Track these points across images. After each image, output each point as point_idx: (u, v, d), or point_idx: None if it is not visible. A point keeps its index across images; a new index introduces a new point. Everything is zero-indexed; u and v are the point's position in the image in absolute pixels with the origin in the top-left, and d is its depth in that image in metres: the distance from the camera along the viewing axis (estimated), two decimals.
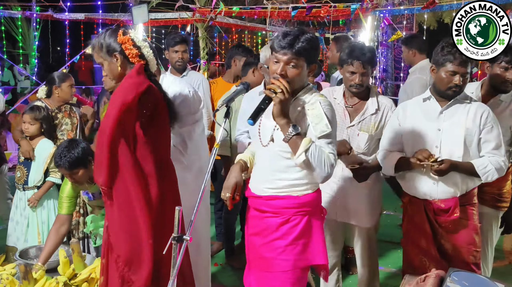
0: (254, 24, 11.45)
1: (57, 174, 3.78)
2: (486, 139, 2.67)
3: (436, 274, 2.29)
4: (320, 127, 2.24)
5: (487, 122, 2.66)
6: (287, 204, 2.33)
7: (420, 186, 2.77)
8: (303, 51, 2.21)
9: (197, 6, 8.25)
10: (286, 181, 2.33)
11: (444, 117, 2.72)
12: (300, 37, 2.21)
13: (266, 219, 2.38)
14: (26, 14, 9.63)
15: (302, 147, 2.18)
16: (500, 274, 3.86)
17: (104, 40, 2.50)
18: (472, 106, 2.70)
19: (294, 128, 2.20)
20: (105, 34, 2.50)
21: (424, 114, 2.77)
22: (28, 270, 2.85)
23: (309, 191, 2.36)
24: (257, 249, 2.42)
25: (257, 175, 2.46)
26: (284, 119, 2.21)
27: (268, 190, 2.37)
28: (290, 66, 2.23)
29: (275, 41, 2.26)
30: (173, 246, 2.17)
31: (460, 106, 2.71)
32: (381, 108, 3.04)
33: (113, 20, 9.28)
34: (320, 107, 2.27)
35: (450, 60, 2.61)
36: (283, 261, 2.32)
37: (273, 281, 2.35)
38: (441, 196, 2.72)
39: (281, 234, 2.33)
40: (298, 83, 2.30)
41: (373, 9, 7.97)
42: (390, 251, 4.54)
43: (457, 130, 2.67)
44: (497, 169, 2.64)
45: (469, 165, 2.66)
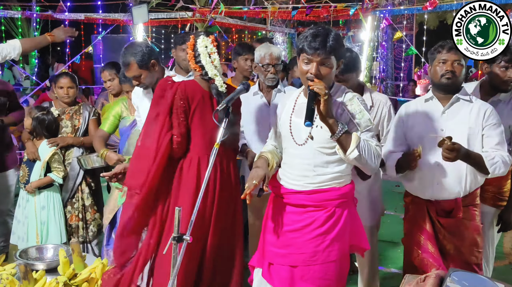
0: (254, 24, 11.47)
1: (60, 173, 3.77)
2: (489, 135, 2.64)
3: (436, 274, 2.28)
4: (364, 122, 2.32)
5: (489, 119, 2.64)
6: (330, 196, 2.39)
7: (423, 186, 2.76)
8: (333, 50, 2.27)
9: (197, 6, 8.25)
10: (328, 175, 2.39)
11: (447, 117, 2.70)
12: (329, 36, 2.27)
13: (309, 213, 2.41)
14: (26, 14, 9.63)
15: (354, 143, 2.24)
16: (500, 274, 3.86)
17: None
18: (475, 105, 2.68)
19: (343, 126, 2.25)
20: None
21: (427, 114, 2.76)
22: (28, 270, 2.85)
23: (347, 183, 2.45)
24: (297, 245, 2.42)
25: (293, 172, 2.45)
26: (332, 119, 2.25)
27: (309, 185, 2.40)
28: (324, 66, 2.28)
29: (304, 43, 2.28)
30: (173, 246, 2.18)
31: (463, 106, 2.69)
32: (375, 104, 3.07)
33: (113, 20, 9.29)
34: (359, 102, 2.35)
35: (439, 51, 2.67)
36: (330, 252, 2.38)
37: (318, 273, 2.39)
38: (444, 197, 2.70)
39: (327, 227, 2.38)
40: (330, 81, 2.37)
41: (373, 9, 7.98)
42: (390, 251, 4.54)
43: (460, 129, 2.65)
44: (503, 162, 2.61)
45: (478, 155, 2.61)
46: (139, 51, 3.03)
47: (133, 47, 3.07)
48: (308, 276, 2.40)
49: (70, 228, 3.89)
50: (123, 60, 3.06)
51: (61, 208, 3.84)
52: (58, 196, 3.86)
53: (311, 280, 2.39)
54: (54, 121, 3.86)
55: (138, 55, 3.02)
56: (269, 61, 3.33)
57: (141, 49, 3.04)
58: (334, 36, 2.28)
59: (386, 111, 3.09)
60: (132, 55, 3.03)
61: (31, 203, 3.82)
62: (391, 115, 3.12)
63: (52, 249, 3.35)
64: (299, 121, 2.36)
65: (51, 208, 3.81)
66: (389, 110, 3.12)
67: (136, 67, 3.04)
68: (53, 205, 3.82)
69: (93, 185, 3.97)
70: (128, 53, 3.04)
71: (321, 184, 2.39)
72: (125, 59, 3.05)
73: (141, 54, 3.03)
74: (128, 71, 3.07)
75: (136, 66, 3.03)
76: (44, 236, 3.77)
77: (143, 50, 3.04)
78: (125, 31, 10.30)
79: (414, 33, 12.24)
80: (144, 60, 3.03)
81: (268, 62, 3.33)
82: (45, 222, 3.79)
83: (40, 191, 3.81)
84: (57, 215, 3.81)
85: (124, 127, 3.69)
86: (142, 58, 3.03)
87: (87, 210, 3.92)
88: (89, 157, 3.78)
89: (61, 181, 3.77)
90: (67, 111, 3.97)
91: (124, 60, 3.06)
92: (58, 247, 3.31)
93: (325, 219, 2.38)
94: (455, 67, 2.64)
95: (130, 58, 3.03)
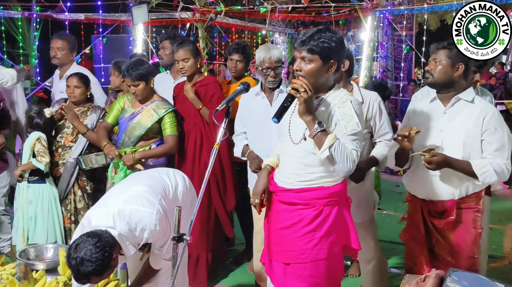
0: (254, 24, 11.46)
1: (43, 159, 3.68)
2: (488, 141, 2.58)
3: (436, 274, 2.29)
4: (351, 126, 2.34)
5: (490, 124, 2.57)
6: (318, 194, 2.43)
7: (418, 185, 2.76)
8: (316, 48, 2.30)
9: (197, 6, 8.26)
10: (317, 173, 2.43)
11: (447, 118, 2.68)
12: (315, 35, 2.31)
13: (298, 211, 2.46)
14: (26, 14, 9.62)
15: (327, 143, 2.28)
16: (500, 274, 3.86)
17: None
18: (477, 108, 2.62)
19: (320, 125, 2.30)
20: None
21: (430, 114, 2.75)
22: (28, 270, 2.85)
23: (338, 182, 2.46)
24: (288, 242, 2.48)
25: (285, 170, 2.52)
26: (309, 116, 2.31)
27: (298, 183, 2.45)
28: (306, 63, 2.33)
29: (295, 40, 2.41)
30: (173, 246, 2.18)
31: (465, 107, 2.65)
32: (365, 101, 3.10)
33: (113, 20, 9.29)
34: (351, 106, 2.36)
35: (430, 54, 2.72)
36: (319, 251, 2.43)
37: (309, 271, 2.44)
38: (438, 197, 2.68)
39: (315, 225, 2.42)
40: (317, 81, 2.37)
41: (373, 9, 7.98)
42: (390, 251, 4.54)
43: (457, 131, 2.63)
44: (497, 171, 2.54)
45: (466, 163, 2.57)
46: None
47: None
48: (299, 274, 2.46)
49: (65, 230, 3.84)
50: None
51: (54, 206, 3.77)
52: (50, 192, 3.77)
53: (302, 277, 2.46)
54: (43, 121, 3.81)
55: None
56: (268, 64, 3.32)
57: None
58: (323, 35, 2.31)
59: (377, 107, 3.13)
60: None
61: (20, 195, 3.77)
62: (382, 111, 3.15)
63: (52, 249, 3.36)
64: (298, 121, 2.42)
65: (39, 203, 3.73)
66: (379, 105, 3.15)
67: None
68: (42, 201, 3.74)
69: (88, 187, 3.92)
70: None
71: (309, 183, 2.43)
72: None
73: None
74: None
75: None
76: (31, 231, 3.71)
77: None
78: (125, 31, 10.29)
79: (414, 33, 12.24)
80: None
81: (267, 66, 3.33)
82: (32, 218, 3.72)
83: (29, 185, 3.75)
84: (47, 212, 3.73)
85: (123, 118, 3.71)
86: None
87: (79, 213, 3.86)
88: (88, 157, 3.77)
89: (43, 167, 3.68)
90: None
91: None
92: (58, 247, 3.31)
93: (313, 217, 2.42)
94: (433, 65, 2.63)
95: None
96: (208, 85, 3.79)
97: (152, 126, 3.62)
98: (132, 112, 3.68)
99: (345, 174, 2.38)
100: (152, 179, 2.81)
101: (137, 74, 3.55)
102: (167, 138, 3.64)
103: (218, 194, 3.84)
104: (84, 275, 2.27)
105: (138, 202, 2.50)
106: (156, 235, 2.50)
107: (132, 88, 3.60)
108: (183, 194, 2.90)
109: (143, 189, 2.62)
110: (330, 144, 2.27)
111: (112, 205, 2.49)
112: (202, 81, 3.82)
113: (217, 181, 3.83)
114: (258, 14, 8.69)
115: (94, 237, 2.28)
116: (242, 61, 4.19)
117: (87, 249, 2.24)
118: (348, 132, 2.34)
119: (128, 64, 3.63)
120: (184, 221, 2.32)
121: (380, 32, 9.62)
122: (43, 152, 3.71)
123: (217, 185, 3.84)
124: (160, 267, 2.74)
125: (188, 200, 2.93)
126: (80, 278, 2.29)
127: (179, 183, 2.90)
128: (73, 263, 2.26)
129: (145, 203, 2.51)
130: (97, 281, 2.37)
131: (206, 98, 3.76)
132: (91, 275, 2.27)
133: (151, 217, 2.46)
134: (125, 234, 2.40)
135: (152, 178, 2.82)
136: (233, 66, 4.18)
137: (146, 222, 2.45)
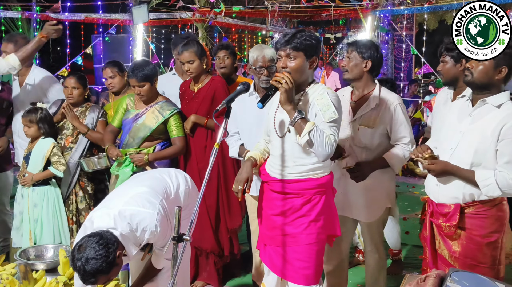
0: (254, 24, 11.48)
1: (60, 167, 3.71)
2: (501, 152, 2.41)
3: (436, 274, 2.28)
4: (329, 114, 2.54)
5: (507, 134, 2.39)
6: (308, 185, 2.64)
7: (427, 185, 2.74)
8: (300, 46, 2.55)
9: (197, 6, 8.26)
10: (306, 165, 2.63)
11: (471, 120, 2.55)
12: (297, 35, 2.57)
13: (289, 199, 2.67)
14: (26, 14, 9.63)
15: (306, 129, 2.46)
16: None
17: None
18: (500, 114, 2.45)
19: (299, 113, 2.50)
20: None
21: (458, 113, 2.64)
22: (28, 270, 2.85)
23: (326, 174, 2.68)
24: (280, 227, 2.68)
25: (276, 162, 2.71)
26: (290, 106, 2.51)
27: (290, 174, 2.66)
28: (290, 60, 2.57)
29: (278, 42, 2.62)
30: (173, 246, 2.18)
31: (489, 112, 2.49)
32: (383, 103, 3.04)
33: (113, 20, 9.30)
34: (328, 97, 2.57)
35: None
36: (309, 235, 2.63)
37: (299, 254, 2.64)
38: (442, 200, 2.61)
39: (305, 211, 2.64)
40: (301, 76, 2.61)
41: (373, 9, 7.98)
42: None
43: (474, 136, 2.49)
44: (501, 185, 2.39)
45: (469, 173, 2.46)
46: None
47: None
48: (290, 257, 2.66)
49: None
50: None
51: (58, 207, 3.76)
52: (54, 194, 3.77)
53: (292, 261, 2.65)
54: (41, 116, 3.76)
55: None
56: (261, 63, 3.32)
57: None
58: (303, 35, 2.56)
59: (393, 110, 3.02)
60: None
61: (25, 199, 3.76)
62: (398, 114, 3.02)
63: (52, 249, 3.36)
64: (283, 117, 2.63)
65: (44, 206, 3.73)
66: (395, 109, 3.03)
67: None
68: (47, 203, 3.73)
69: (89, 188, 3.92)
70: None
71: (299, 174, 2.64)
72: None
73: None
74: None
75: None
76: (38, 234, 3.71)
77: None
78: (125, 31, 10.31)
79: (414, 33, 12.26)
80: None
81: (261, 65, 3.32)
82: (38, 220, 3.72)
83: (34, 188, 3.74)
84: (52, 213, 3.73)
85: (127, 119, 3.71)
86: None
87: (81, 214, 3.87)
88: (90, 160, 3.77)
89: (61, 174, 3.71)
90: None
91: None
92: (58, 247, 3.31)
93: (302, 203, 2.64)
94: (475, 64, 2.53)
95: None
96: (216, 86, 3.78)
97: (157, 128, 3.63)
98: (136, 113, 3.68)
99: (324, 158, 2.54)
100: (153, 179, 2.83)
101: (143, 75, 3.55)
102: (175, 140, 3.66)
103: (225, 192, 3.84)
104: (91, 274, 2.28)
105: (139, 203, 2.53)
106: (157, 235, 2.51)
107: (137, 89, 3.60)
108: (185, 194, 2.91)
109: (145, 190, 2.64)
110: (309, 129, 2.46)
111: (114, 206, 2.51)
112: (210, 82, 3.79)
113: (219, 179, 3.84)
114: (258, 14, 8.70)
115: (96, 236, 2.30)
116: (229, 56, 4.18)
117: (91, 247, 2.27)
118: (326, 120, 2.53)
119: (133, 65, 3.64)
120: (187, 220, 2.32)
121: (380, 32, 9.61)
122: (60, 157, 3.73)
123: (224, 184, 3.84)
124: (162, 266, 2.77)
125: (191, 199, 2.95)
126: (88, 278, 2.29)
127: (180, 183, 2.92)
128: (78, 265, 2.27)
129: (146, 204, 2.53)
130: (104, 280, 2.37)
131: (216, 100, 3.73)
132: (98, 273, 2.28)
133: (152, 218, 2.48)
134: (127, 235, 2.42)
135: (153, 179, 2.83)
136: (221, 62, 4.15)
137: (147, 223, 2.47)
